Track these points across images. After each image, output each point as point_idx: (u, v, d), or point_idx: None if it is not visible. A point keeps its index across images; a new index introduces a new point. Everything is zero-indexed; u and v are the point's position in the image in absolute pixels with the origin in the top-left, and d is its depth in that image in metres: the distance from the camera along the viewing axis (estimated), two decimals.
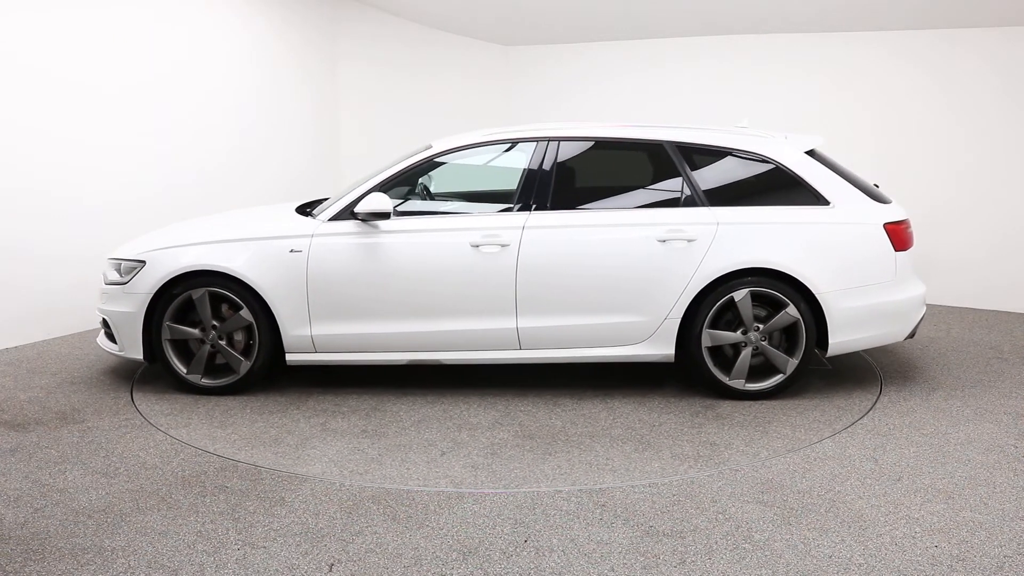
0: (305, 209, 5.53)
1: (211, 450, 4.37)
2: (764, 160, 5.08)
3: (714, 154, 5.15)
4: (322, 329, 5.07)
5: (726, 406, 4.91)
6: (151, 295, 5.07)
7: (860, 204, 5.01)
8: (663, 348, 5.00)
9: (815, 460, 4.16)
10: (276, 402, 5.10)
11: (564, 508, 3.66)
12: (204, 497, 3.77)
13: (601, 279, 4.96)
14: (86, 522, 3.54)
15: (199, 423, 4.76)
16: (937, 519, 3.54)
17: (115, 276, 5.23)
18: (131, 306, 5.11)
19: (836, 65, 7.97)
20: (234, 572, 3.16)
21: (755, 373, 5.00)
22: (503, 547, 3.33)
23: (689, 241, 4.92)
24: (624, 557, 3.25)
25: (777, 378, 4.98)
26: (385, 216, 5.00)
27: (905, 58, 7.68)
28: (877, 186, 5.44)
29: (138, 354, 5.16)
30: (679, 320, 4.95)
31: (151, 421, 4.73)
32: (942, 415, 4.80)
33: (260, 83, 7.86)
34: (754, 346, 4.95)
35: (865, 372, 5.55)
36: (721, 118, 7.48)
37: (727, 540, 3.37)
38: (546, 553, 3.28)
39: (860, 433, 4.52)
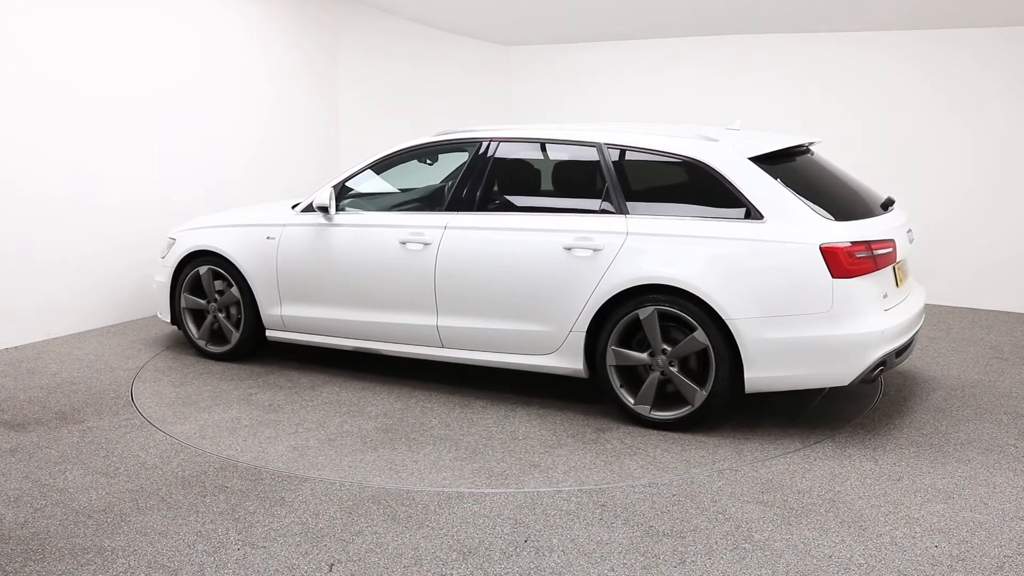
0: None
1: (136, 404, 5.01)
2: (696, 165, 4.56)
3: (645, 157, 4.74)
4: (288, 310, 5.56)
5: (622, 431, 4.51)
6: (173, 268, 5.91)
7: (797, 221, 4.30)
8: (571, 362, 4.71)
9: (815, 460, 4.16)
10: (250, 371, 5.66)
11: (564, 508, 3.66)
12: (204, 497, 3.77)
13: (509, 284, 4.80)
14: (86, 522, 3.54)
15: (162, 379, 5.54)
16: (937, 519, 3.54)
17: (164, 250, 6.06)
18: (164, 277, 5.99)
19: (836, 66, 7.97)
20: (234, 572, 3.16)
21: (672, 401, 4.52)
22: (503, 547, 3.33)
23: (595, 250, 4.58)
24: (624, 557, 3.25)
25: (684, 409, 4.46)
26: (325, 210, 5.35)
27: (905, 58, 7.68)
28: (890, 201, 4.90)
29: (167, 318, 6.03)
30: (584, 334, 4.63)
31: (151, 421, 4.73)
32: (942, 415, 4.80)
33: (266, 83, 7.85)
34: (661, 371, 4.48)
35: None
36: (721, 118, 7.48)
37: (727, 540, 3.37)
38: (546, 553, 3.28)
39: (860, 433, 4.52)
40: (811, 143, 5.10)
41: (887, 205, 4.85)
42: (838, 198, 4.64)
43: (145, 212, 6.94)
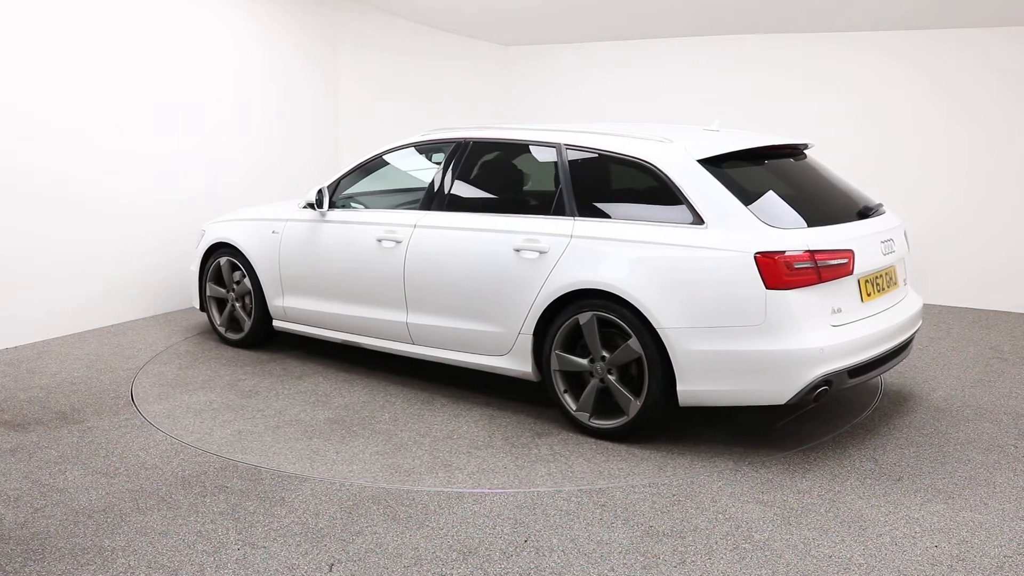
0: None
1: (134, 386, 5.02)
2: (646, 167, 4.39)
3: (599, 158, 4.61)
4: (289, 302, 5.79)
5: (558, 438, 4.44)
6: (200, 259, 6.29)
7: (738, 227, 4.05)
8: (521, 364, 4.66)
9: (815, 460, 4.16)
10: (255, 358, 5.94)
11: (564, 508, 3.66)
12: (204, 497, 3.78)
13: (466, 284, 4.82)
14: (86, 522, 3.54)
15: (173, 362, 5.90)
16: (937, 519, 3.54)
17: (197, 241, 6.42)
18: (194, 266, 6.39)
19: (834, 66, 7.97)
20: (234, 572, 3.16)
21: (616, 409, 4.37)
22: (503, 547, 3.33)
23: (541, 253, 4.53)
24: (624, 557, 3.25)
25: (621, 419, 4.32)
26: (312, 207, 5.62)
27: (904, 58, 7.68)
28: (868, 208, 4.60)
29: (196, 304, 6.42)
30: (531, 337, 4.59)
31: (151, 421, 4.73)
32: (942, 415, 4.80)
33: (269, 80, 7.85)
34: (600, 378, 4.38)
35: None
36: (719, 118, 7.48)
37: (727, 540, 3.37)
38: (546, 553, 3.28)
39: (860, 433, 4.52)
40: (804, 144, 4.90)
41: (866, 212, 4.56)
42: (813, 202, 4.41)
43: (146, 211, 6.93)
